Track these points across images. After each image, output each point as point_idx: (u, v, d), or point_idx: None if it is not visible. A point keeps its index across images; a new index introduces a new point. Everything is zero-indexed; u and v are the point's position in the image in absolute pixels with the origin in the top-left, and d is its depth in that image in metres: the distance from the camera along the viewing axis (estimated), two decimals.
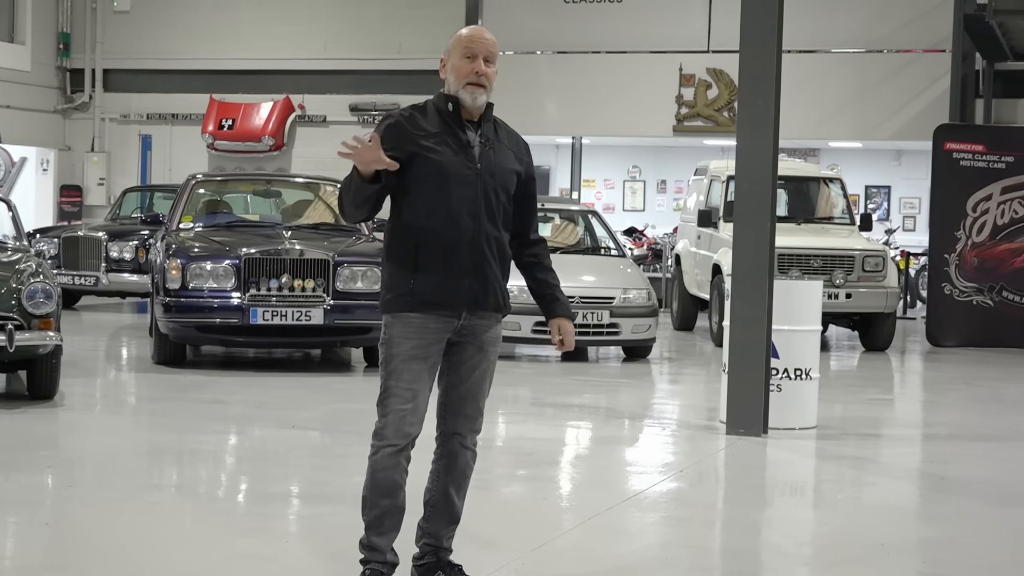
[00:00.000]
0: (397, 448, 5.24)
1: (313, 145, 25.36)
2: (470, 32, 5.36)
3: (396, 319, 5.21)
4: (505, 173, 5.31)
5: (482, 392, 5.39)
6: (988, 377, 14.63)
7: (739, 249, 9.90)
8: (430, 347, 5.21)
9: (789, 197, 17.96)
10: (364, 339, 12.88)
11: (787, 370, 10.10)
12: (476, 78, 5.23)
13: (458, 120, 5.26)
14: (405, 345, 5.18)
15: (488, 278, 5.25)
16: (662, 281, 21.82)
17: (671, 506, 7.70)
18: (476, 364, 5.34)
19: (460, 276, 5.19)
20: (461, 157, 5.21)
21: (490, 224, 5.25)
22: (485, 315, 5.30)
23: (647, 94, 22.85)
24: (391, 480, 5.28)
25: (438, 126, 5.23)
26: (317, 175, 16.35)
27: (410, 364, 5.18)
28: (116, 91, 26.66)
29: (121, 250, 18.58)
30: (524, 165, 5.42)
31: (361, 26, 25.05)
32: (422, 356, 5.20)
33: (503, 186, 5.30)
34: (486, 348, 5.35)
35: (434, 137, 5.20)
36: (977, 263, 17.72)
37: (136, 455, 8.98)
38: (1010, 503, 8.02)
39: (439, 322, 5.20)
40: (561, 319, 5.45)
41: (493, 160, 5.27)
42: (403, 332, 5.19)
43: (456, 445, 5.39)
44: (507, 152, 5.35)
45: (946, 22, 21.26)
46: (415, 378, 5.19)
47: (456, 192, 5.18)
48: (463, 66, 5.24)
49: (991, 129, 20.46)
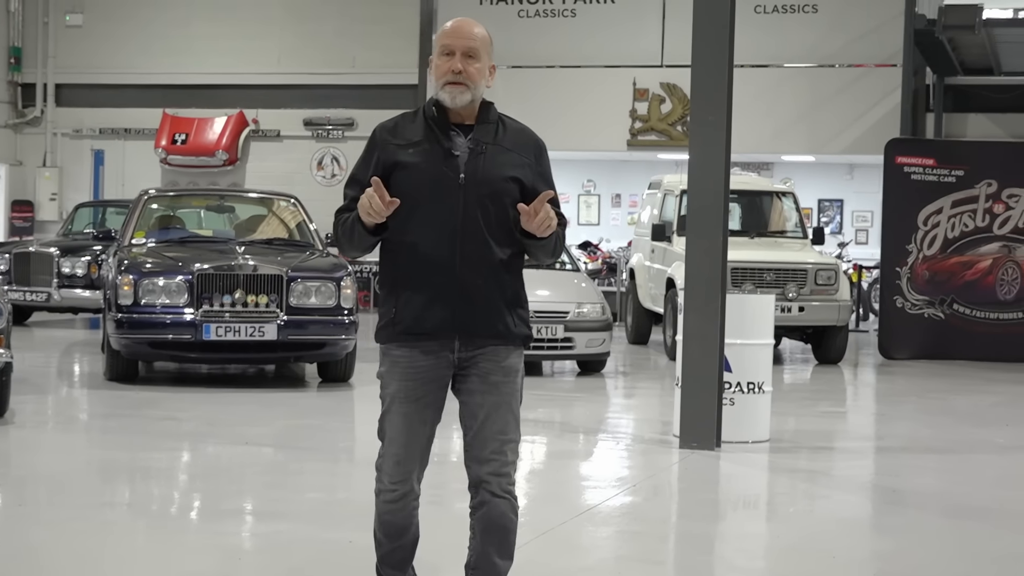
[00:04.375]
0: (397, 494, 4.78)
1: (267, 160, 25.33)
2: (450, 26, 4.81)
3: (385, 354, 4.79)
4: (497, 182, 4.71)
5: (502, 431, 4.78)
6: (939, 389, 14.73)
7: (692, 263, 9.94)
8: (422, 387, 4.73)
9: (742, 211, 18.05)
10: (318, 355, 12.86)
11: (740, 384, 10.14)
12: (453, 77, 4.70)
13: (443, 125, 4.75)
14: (393, 386, 4.75)
15: (479, 303, 4.70)
16: (616, 295, 21.88)
17: (625, 520, 7.72)
18: (484, 401, 4.76)
19: (441, 301, 4.67)
20: (442, 167, 4.69)
21: (476, 242, 4.68)
22: (486, 344, 4.74)
23: (601, 108, 22.93)
24: (395, 525, 4.85)
25: (422, 133, 4.75)
26: (271, 190, 16.32)
27: (402, 407, 4.74)
28: (68, 106, 26.52)
29: (73, 266, 18.46)
30: (529, 169, 4.81)
31: (315, 41, 25.03)
32: (412, 397, 4.73)
33: (494, 196, 4.71)
34: (494, 381, 4.76)
35: (415, 146, 4.73)
36: (928, 276, 17.86)
37: (88, 473, 8.93)
38: (961, 515, 8.07)
39: (428, 358, 4.71)
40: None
41: (482, 168, 4.70)
42: (391, 372, 4.76)
43: (486, 495, 4.79)
44: (506, 157, 4.76)
45: (897, 37, 21.45)
46: (408, 423, 4.74)
47: (436, 206, 4.67)
48: (441, 64, 4.73)
49: (941, 143, 20.63)
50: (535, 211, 4.61)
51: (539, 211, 4.61)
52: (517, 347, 4.80)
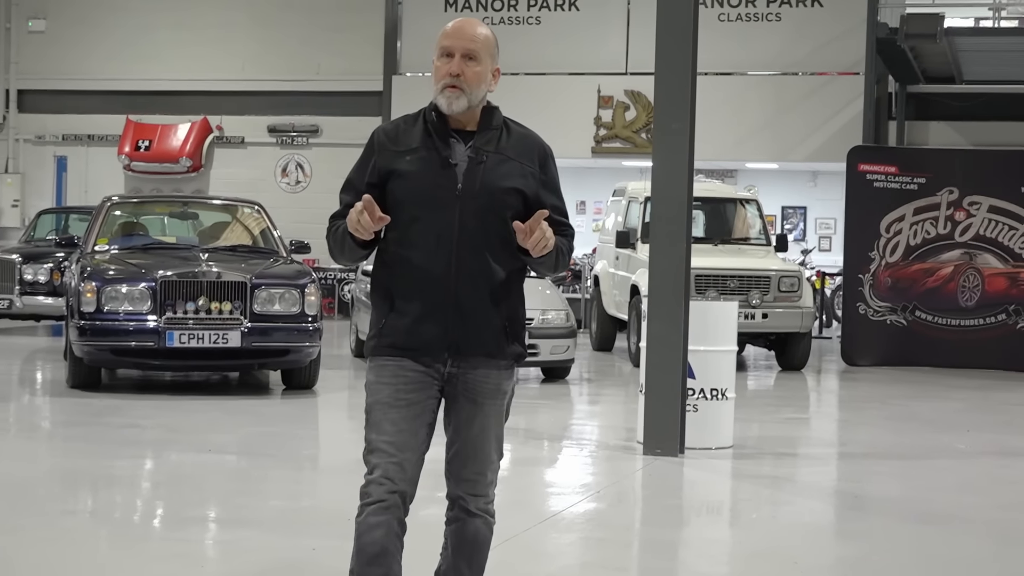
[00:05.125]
0: (384, 505, 4.40)
1: (231, 166, 25.27)
2: (451, 27, 4.57)
3: (372, 363, 4.55)
4: (497, 193, 4.48)
5: (484, 452, 4.58)
6: (902, 396, 14.80)
7: (656, 270, 9.97)
8: (412, 393, 4.48)
9: (706, 218, 18.11)
10: (282, 361, 12.83)
11: (703, 390, 10.17)
12: (450, 80, 4.47)
13: (442, 132, 4.51)
14: (383, 392, 4.48)
15: (473, 319, 4.47)
16: (581, 302, 21.91)
17: (589, 527, 7.73)
18: (470, 420, 4.55)
19: (433, 317, 4.45)
20: (439, 176, 4.46)
21: (474, 255, 4.45)
22: (477, 363, 4.52)
23: (566, 115, 22.95)
24: (379, 546, 4.41)
25: (420, 140, 4.51)
26: (235, 197, 16.27)
27: (389, 413, 4.45)
28: (31, 112, 26.37)
29: (35, 273, 18.37)
30: (533, 178, 4.58)
31: (279, 47, 24.99)
32: (404, 403, 4.47)
33: (494, 208, 4.47)
34: (480, 401, 4.55)
35: (412, 153, 4.49)
36: (891, 283, 17.96)
37: (50, 481, 8.88)
38: (924, 520, 8.12)
39: (419, 367, 4.49)
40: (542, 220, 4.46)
41: (481, 178, 4.47)
42: (378, 377, 4.51)
43: (461, 512, 4.62)
44: (507, 166, 4.53)
45: (859, 46, 21.57)
46: (398, 428, 4.45)
47: (431, 218, 4.44)
48: (440, 67, 4.51)
49: (904, 151, 20.75)
50: (531, 229, 4.40)
51: (535, 229, 4.39)
52: (509, 367, 4.60)
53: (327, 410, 12.49)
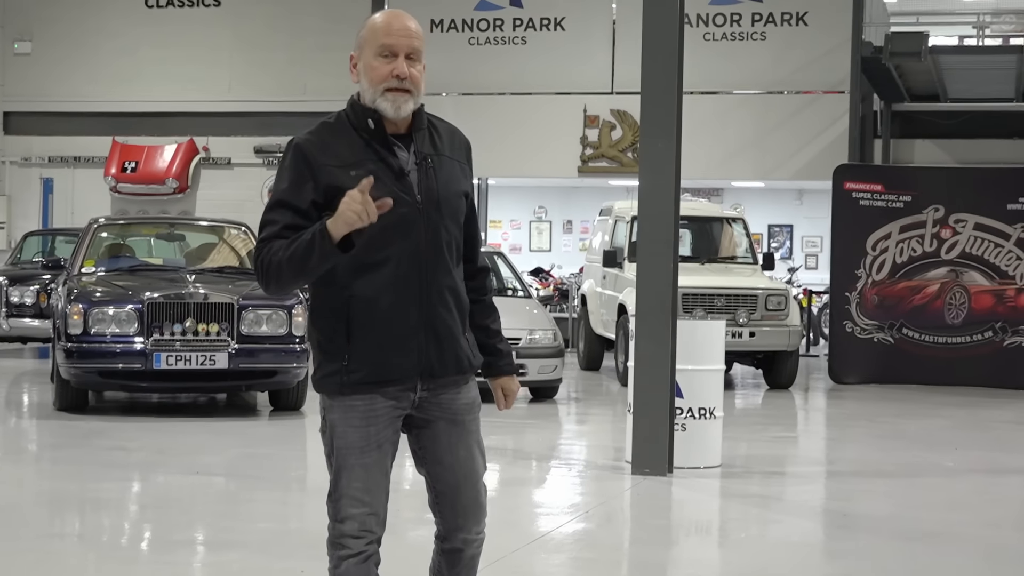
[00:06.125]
0: (363, 556, 4.11)
1: (218, 187, 25.25)
2: (385, 21, 4.09)
3: (335, 403, 4.13)
4: (452, 199, 4.13)
5: (475, 474, 4.28)
6: (889, 413, 14.82)
7: (643, 289, 9.98)
8: (381, 432, 4.12)
9: (692, 237, 18.14)
10: (269, 383, 12.81)
11: (691, 409, 10.17)
12: (398, 83, 4.03)
13: (383, 140, 4.06)
14: (351, 436, 4.10)
15: (444, 338, 4.12)
16: (568, 321, 21.91)
17: (578, 547, 7.72)
18: (455, 442, 4.23)
19: (407, 343, 4.07)
20: (397, 190, 3.99)
21: (441, 271, 4.10)
22: (448, 381, 4.18)
23: (552, 135, 23.02)
24: None
25: (359, 151, 4.04)
26: (221, 218, 16.26)
27: (362, 458, 4.10)
28: (17, 134, 26.35)
29: (22, 295, 18.33)
30: (467, 178, 4.24)
31: (266, 68, 25.00)
32: (375, 445, 4.11)
33: (452, 216, 4.13)
34: (460, 419, 4.24)
35: (357, 167, 3.98)
36: (877, 301, 17.98)
37: (37, 504, 8.85)
38: (912, 538, 8.12)
39: (388, 401, 4.11)
40: (506, 378, 4.38)
41: (436, 186, 4.08)
42: (345, 419, 4.11)
43: (458, 542, 4.31)
44: (451, 168, 4.15)
45: (844, 65, 21.64)
46: (370, 475, 4.11)
47: (394, 236, 4.00)
48: (380, 68, 4.05)
49: (889, 169, 20.82)
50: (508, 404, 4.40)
51: (511, 403, 4.40)
52: (473, 377, 4.30)
53: (314, 431, 12.38)
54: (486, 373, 4.38)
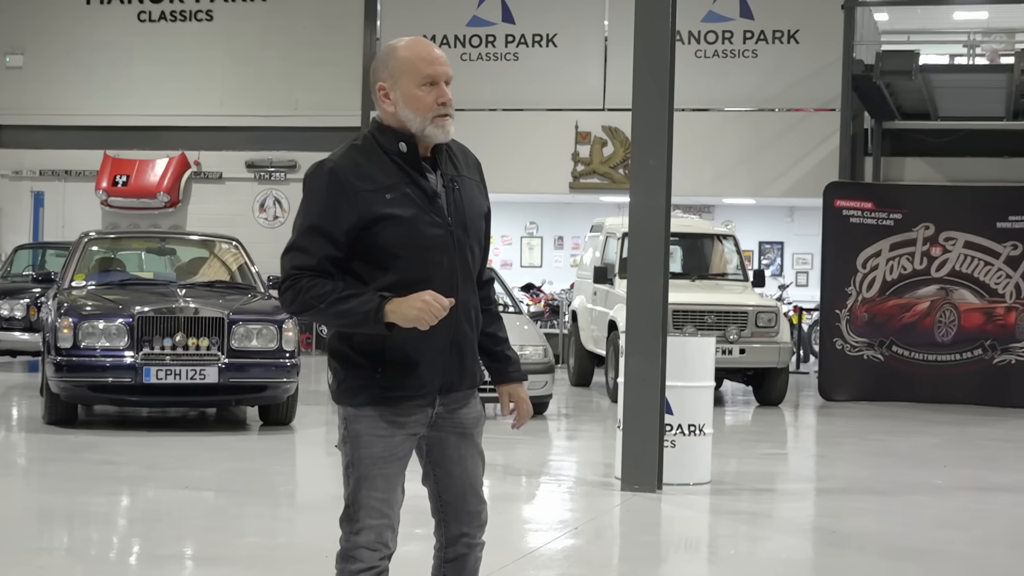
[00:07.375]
0: (376, 571, 4.19)
1: (209, 202, 25.26)
2: (422, 51, 4.22)
3: (361, 413, 4.17)
4: (476, 219, 4.26)
5: (479, 481, 4.41)
6: (879, 431, 14.83)
7: (633, 305, 9.99)
8: (401, 445, 4.21)
9: (683, 253, 18.16)
10: (259, 397, 12.80)
11: (681, 426, 10.18)
12: (445, 109, 4.21)
13: (416, 164, 4.16)
14: (376, 446, 4.17)
15: (467, 355, 4.27)
16: (559, 337, 21.90)
17: (567, 563, 7.71)
18: (463, 455, 4.35)
19: (437, 359, 4.18)
20: (429, 213, 4.12)
21: (468, 290, 4.22)
22: (460, 396, 4.31)
23: (544, 151, 23.06)
24: None
25: (392, 173, 4.11)
26: (212, 232, 16.25)
27: (384, 469, 4.17)
28: (8, 147, 26.34)
29: (12, 308, 18.30)
30: (486, 196, 4.38)
31: (257, 83, 25.03)
32: (396, 456, 4.20)
33: (476, 237, 4.25)
34: (468, 432, 4.35)
35: (391, 190, 4.08)
36: (867, 318, 18.01)
37: (26, 518, 8.83)
38: (901, 556, 8.12)
39: (412, 415, 4.20)
40: (514, 385, 4.45)
41: (463, 207, 4.20)
42: (372, 430, 4.17)
43: (463, 548, 4.42)
44: (472, 188, 4.28)
45: (835, 82, 21.67)
46: (390, 486, 4.20)
47: (430, 260, 4.10)
48: (424, 97, 4.17)
49: (880, 187, 20.83)
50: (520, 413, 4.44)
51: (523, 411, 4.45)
52: (475, 392, 4.40)
53: (304, 446, 12.45)
54: (494, 380, 4.47)
